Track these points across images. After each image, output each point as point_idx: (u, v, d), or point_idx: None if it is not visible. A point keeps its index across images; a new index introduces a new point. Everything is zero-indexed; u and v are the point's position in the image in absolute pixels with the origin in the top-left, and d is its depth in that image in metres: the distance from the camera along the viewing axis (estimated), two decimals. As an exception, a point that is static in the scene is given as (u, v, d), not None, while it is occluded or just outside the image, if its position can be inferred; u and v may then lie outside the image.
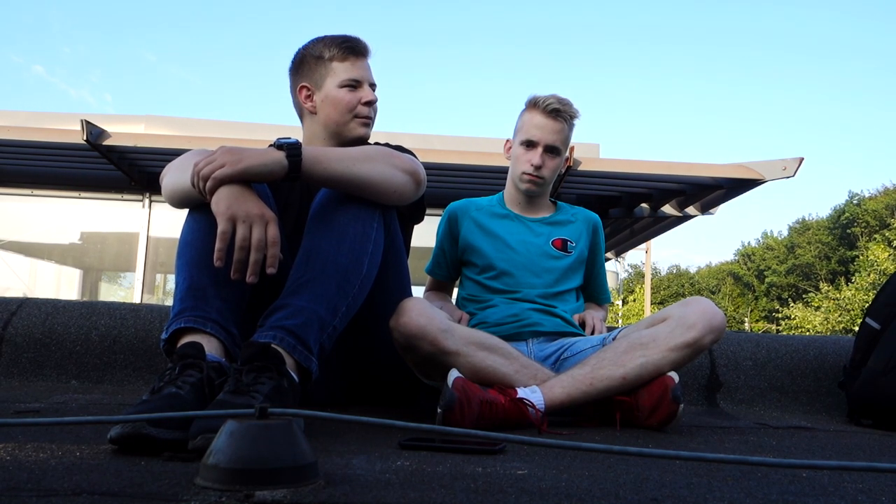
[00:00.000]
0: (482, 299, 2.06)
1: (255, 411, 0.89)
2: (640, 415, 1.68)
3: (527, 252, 2.07)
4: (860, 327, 2.26)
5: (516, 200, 2.16)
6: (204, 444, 1.00)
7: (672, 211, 6.36)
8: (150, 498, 0.82)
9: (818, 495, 0.98)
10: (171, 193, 1.58)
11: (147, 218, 6.60)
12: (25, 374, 2.32)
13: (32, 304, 2.48)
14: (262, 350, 1.26)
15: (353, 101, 1.78)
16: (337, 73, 1.78)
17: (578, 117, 2.08)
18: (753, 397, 2.47)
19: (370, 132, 1.83)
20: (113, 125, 5.45)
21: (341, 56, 1.78)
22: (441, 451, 1.23)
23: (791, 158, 5.14)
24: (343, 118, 1.79)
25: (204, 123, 7.04)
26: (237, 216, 1.34)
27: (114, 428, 1.09)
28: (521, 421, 1.59)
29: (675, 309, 1.79)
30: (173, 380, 1.22)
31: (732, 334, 2.68)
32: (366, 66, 1.82)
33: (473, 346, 1.69)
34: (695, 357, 1.75)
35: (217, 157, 1.39)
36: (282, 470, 0.85)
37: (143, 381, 2.33)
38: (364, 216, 1.52)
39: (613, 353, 1.72)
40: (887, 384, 2.05)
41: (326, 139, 1.82)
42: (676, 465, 1.17)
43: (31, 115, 6.63)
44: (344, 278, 1.45)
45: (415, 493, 0.89)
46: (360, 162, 1.49)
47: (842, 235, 39.12)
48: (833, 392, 2.47)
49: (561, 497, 0.90)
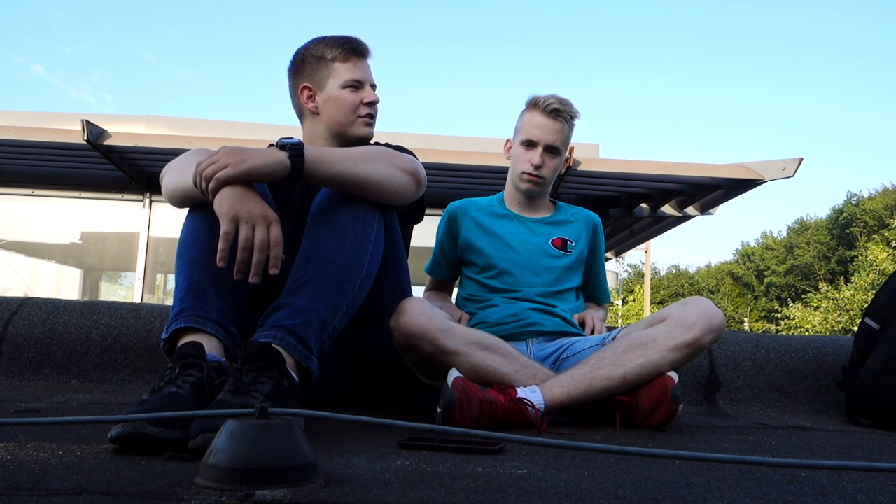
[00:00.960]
0: (482, 299, 2.06)
1: (255, 411, 0.89)
2: (640, 415, 1.69)
3: (526, 251, 2.07)
4: (859, 327, 2.27)
5: (516, 200, 2.16)
6: (204, 444, 1.01)
7: (671, 211, 6.37)
8: (151, 497, 0.82)
9: (817, 495, 0.98)
10: (171, 193, 1.58)
11: (147, 218, 6.60)
12: (26, 374, 2.33)
13: (33, 304, 2.48)
14: (262, 350, 1.26)
15: (356, 101, 1.79)
16: (339, 74, 1.79)
17: (578, 117, 2.08)
18: (753, 397, 2.47)
19: (373, 131, 1.85)
20: (113, 125, 5.45)
21: (343, 57, 1.79)
22: (441, 450, 1.23)
23: (790, 159, 5.15)
24: (347, 118, 1.80)
25: (204, 123, 7.04)
26: (240, 217, 1.34)
27: (114, 427, 1.09)
28: (520, 421, 1.59)
29: (675, 309, 1.79)
30: (173, 379, 1.22)
31: (732, 334, 2.68)
32: (367, 66, 1.84)
33: (473, 345, 1.69)
34: (694, 357, 1.76)
35: (220, 157, 1.39)
36: (282, 469, 0.86)
37: (143, 381, 2.33)
38: (364, 216, 1.52)
39: (613, 352, 1.73)
40: (886, 384, 2.05)
41: (329, 139, 1.82)
42: (676, 464, 1.17)
43: (32, 115, 6.63)
44: (344, 278, 1.45)
45: (415, 492, 0.90)
46: (362, 162, 1.50)
47: (841, 235, 39.12)
48: (832, 392, 2.47)
49: (561, 497, 0.90)
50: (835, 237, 39.75)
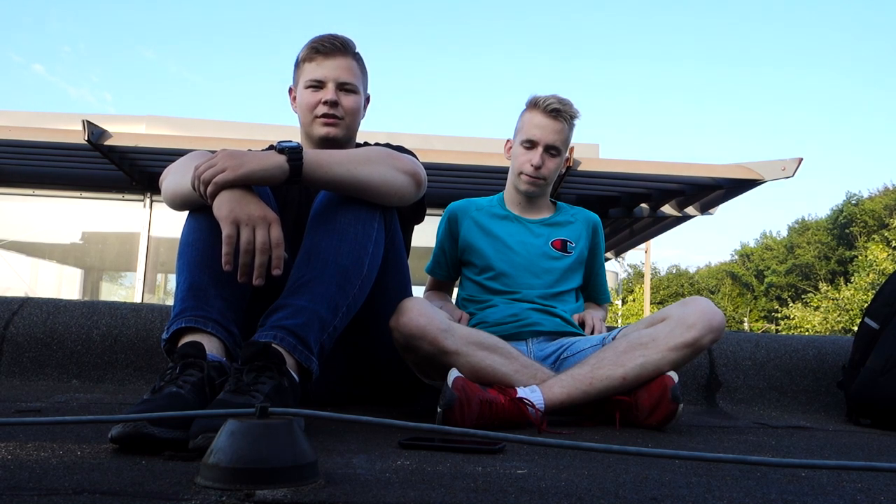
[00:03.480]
0: (482, 300, 2.06)
1: (255, 411, 0.89)
2: (640, 414, 1.69)
3: (526, 253, 2.07)
4: (859, 327, 2.27)
5: (516, 201, 2.16)
6: (204, 444, 1.01)
7: (671, 211, 6.37)
8: (151, 497, 0.82)
9: (817, 495, 0.98)
10: (171, 196, 1.58)
11: (148, 218, 6.60)
12: (27, 374, 2.33)
13: (34, 304, 2.48)
14: (262, 349, 1.26)
15: (314, 101, 1.76)
16: (305, 74, 1.79)
17: (578, 117, 2.08)
18: (752, 397, 2.47)
19: (338, 132, 1.77)
20: (114, 125, 5.46)
21: (308, 56, 1.78)
22: (441, 450, 1.23)
23: (790, 159, 5.15)
24: (306, 118, 1.79)
25: (204, 123, 7.05)
26: (240, 219, 1.34)
27: (115, 427, 1.09)
28: (520, 420, 1.59)
29: (675, 309, 1.79)
30: (174, 379, 1.22)
31: (732, 334, 2.68)
32: (334, 65, 1.77)
33: (473, 345, 1.69)
34: (694, 357, 1.76)
35: (218, 161, 1.39)
36: (282, 469, 0.86)
37: (143, 381, 2.33)
38: (365, 216, 1.52)
39: (613, 352, 1.73)
40: (886, 384, 2.06)
41: (305, 141, 1.82)
42: (676, 464, 1.17)
43: (33, 115, 6.64)
44: (345, 278, 1.45)
45: (415, 492, 0.90)
46: (361, 164, 1.49)
47: (841, 235, 39.10)
48: (832, 392, 2.47)
49: (561, 496, 0.90)
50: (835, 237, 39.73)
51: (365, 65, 1.86)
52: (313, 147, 1.78)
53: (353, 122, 1.81)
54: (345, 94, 1.77)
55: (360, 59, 1.84)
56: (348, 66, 1.78)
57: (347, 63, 1.78)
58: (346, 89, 1.78)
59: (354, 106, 1.79)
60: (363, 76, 1.84)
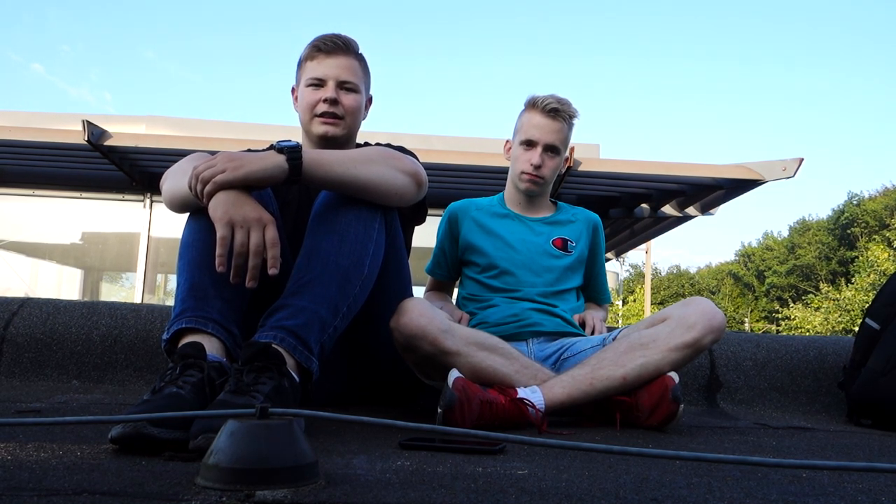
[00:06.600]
0: (483, 298, 2.06)
1: (255, 411, 0.89)
2: (640, 415, 1.69)
3: (527, 251, 2.07)
4: (860, 328, 2.27)
5: (516, 200, 2.16)
6: (205, 444, 1.01)
7: (672, 211, 6.37)
8: (151, 497, 0.82)
9: (818, 495, 0.98)
10: (170, 198, 1.58)
11: (148, 218, 6.61)
12: (26, 374, 2.33)
13: (34, 304, 2.48)
14: (262, 350, 1.26)
15: (315, 99, 1.76)
16: (306, 72, 1.79)
17: (577, 117, 2.08)
18: (753, 397, 2.47)
19: (337, 131, 1.77)
20: (114, 125, 5.46)
21: (310, 55, 1.79)
22: (441, 450, 1.23)
23: (791, 159, 5.15)
24: (306, 116, 1.79)
25: (205, 124, 7.05)
26: (235, 221, 1.34)
27: (115, 428, 1.09)
28: (521, 421, 1.59)
29: (675, 309, 1.79)
30: (174, 379, 1.22)
31: (732, 334, 2.68)
32: (336, 64, 1.77)
33: (474, 346, 1.69)
34: (695, 357, 1.76)
35: (218, 162, 1.39)
36: (282, 470, 0.86)
37: (143, 381, 2.33)
38: (365, 217, 1.52)
39: (613, 353, 1.73)
40: (887, 384, 2.05)
41: (304, 139, 1.82)
42: (676, 465, 1.17)
43: (33, 115, 6.65)
44: (345, 279, 1.45)
45: (415, 493, 0.90)
46: (361, 164, 1.49)
47: (842, 236, 39.09)
48: (833, 392, 2.47)
49: (561, 497, 0.90)
50: (836, 237, 39.71)
51: (368, 66, 1.86)
52: (313, 146, 1.78)
53: (354, 121, 1.80)
54: (345, 92, 1.77)
55: (363, 60, 1.84)
56: (349, 66, 1.78)
57: (349, 62, 1.78)
58: (347, 88, 1.77)
59: (355, 105, 1.79)
60: (365, 77, 1.84)
